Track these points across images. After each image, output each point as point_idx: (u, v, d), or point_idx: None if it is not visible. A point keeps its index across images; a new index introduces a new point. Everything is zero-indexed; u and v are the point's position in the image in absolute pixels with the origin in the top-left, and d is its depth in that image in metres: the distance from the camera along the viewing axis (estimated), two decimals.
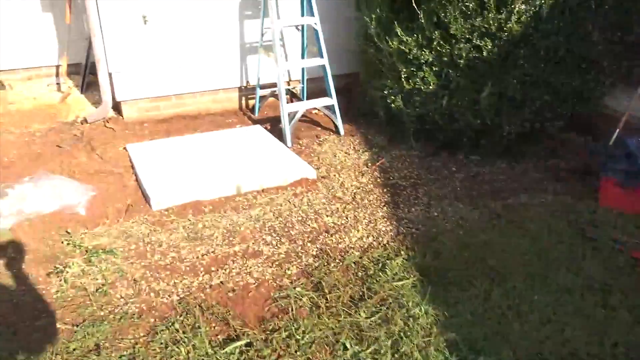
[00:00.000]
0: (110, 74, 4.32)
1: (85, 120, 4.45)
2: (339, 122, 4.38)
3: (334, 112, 4.38)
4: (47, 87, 5.39)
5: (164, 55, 4.42)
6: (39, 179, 3.47)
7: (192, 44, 4.48)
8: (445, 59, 3.68)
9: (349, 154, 4.08)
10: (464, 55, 3.57)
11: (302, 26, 4.53)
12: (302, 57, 4.68)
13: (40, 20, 5.39)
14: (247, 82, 4.82)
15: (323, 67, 4.30)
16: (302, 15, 4.40)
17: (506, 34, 3.42)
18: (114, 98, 4.44)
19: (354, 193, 3.52)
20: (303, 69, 4.75)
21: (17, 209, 3.17)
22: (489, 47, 3.48)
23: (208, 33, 4.50)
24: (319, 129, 4.55)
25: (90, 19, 4.15)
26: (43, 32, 5.44)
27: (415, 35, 3.74)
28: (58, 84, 5.44)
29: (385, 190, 3.57)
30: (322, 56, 4.27)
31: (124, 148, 4.04)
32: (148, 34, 4.29)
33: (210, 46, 4.55)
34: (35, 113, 4.69)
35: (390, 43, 3.86)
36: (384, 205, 3.38)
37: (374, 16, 4.03)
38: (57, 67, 5.65)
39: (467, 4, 3.42)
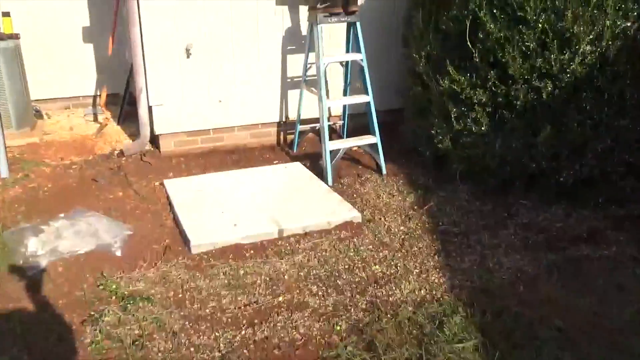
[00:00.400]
0: (150, 107, 4.24)
1: (121, 153, 4.36)
2: (381, 161, 4.20)
3: (377, 151, 4.21)
4: (84, 117, 5.36)
5: (204, 89, 4.34)
6: (74, 216, 3.35)
7: (233, 78, 4.39)
8: (500, 99, 3.50)
9: (393, 196, 3.89)
10: (521, 96, 3.38)
11: (347, 62, 4.40)
12: (345, 92, 4.55)
13: (80, 50, 5.40)
14: (287, 117, 4.70)
15: (368, 104, 4.15)
16: (348, 51, 4.28)
17: (569, 75, 3.22)
18: (152, 131, 4.34)
19: (402, 239, 3.31)
20: (345, 105, 4.61)
21: (51, 247, 3.04)
22: (549, 88, 3.28)
23: (249, 67, 4.41)
24: (360, 167, 4.38)
25: (133, 52, 4.10)
26: (83, 62, 5.45)
27: (468, 74, 3.57)
28: (95, 114, 5.40)
29: (434, 236, 3.35)
30: (367, 93, 4.13)
31: (161, 183, 3.91)
32: (190, 67, 4.22)
33: (251, 80, 4.45)
34: (71, 144, 4.62)
35: (441, 82, 3.69)
36: (435, 254, 3.16)
37: (423, 54, 3.89)
38: (95, 97, 5.65)
39: (527, 43, 3.24)
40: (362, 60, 4.11)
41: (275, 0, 4.32)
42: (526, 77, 3.34)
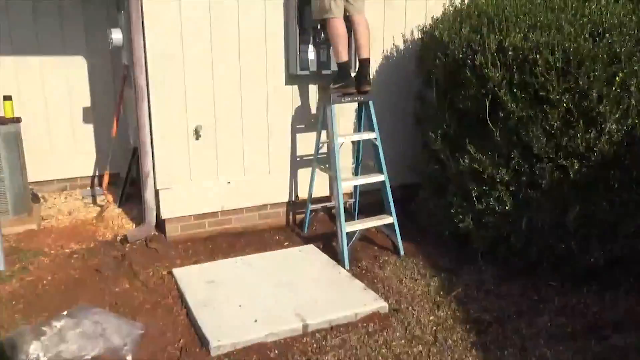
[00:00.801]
0: (157, 191, 4.07)
1: (125, 239, 4.14)
2: (399, 242, 4.03)
3: (394, 231, 4.05)
4: (83, 199, 5.16)
5: (213, 171, 4.20)
6: (78, 314, 3.08)
7: (242, 159, 4.27)
8: (524, 178, 3.40)
9: (416, 280, 3.69)
10: (547, 175, 3.29)
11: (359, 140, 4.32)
12: (356, 170, 4.44)
13: (80, 131, 5.28)
14: (297, 196, 4.55)
15: (383, 183, 4.03)
16: (360, 128, 4.21)
17: (596, 154, 3.15)
18: (158, 215, 4.15)
19: (434, 331, 3.09)
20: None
21: (54, 352, 2.76)
22: (576, 167, 3.20)
23: (259, 147, 4.30)
24: (376, 248, 4.19)
25: (140, 133, 3.97)
26: (82, 143, 5.32)
27: (489, 152, 3.49)
28: (94, 196, 5.22)
29: (468, 327, 3.14)
30: (382, 172, 4.02)
31: (169, 272, 3.68)
32: (199, 149, 4.09)
33: (261, 160, 4.33)
34: (71, 230, 4.40)
35: (460, 161, 3.60)
36: (472, 347, 2.94)
37: (439, 132, 3.82)
38: (93, 177, 5.48)
39: (551, 122, 3.18)
40: (375, 139, 4.03)
41: (285, 80, 4.27)
42: (551, 156, 3.26)
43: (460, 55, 3.58)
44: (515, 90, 3.30)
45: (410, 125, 4.53)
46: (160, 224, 4.25)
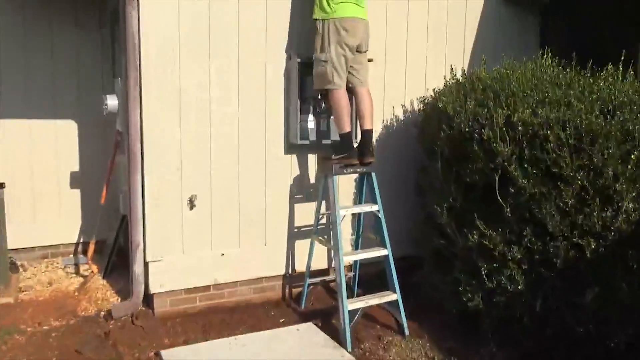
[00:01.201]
0: (147, 264, 3.83)
1: (109, 315, 3.85)
2: (404, 321, 3.81)
3: (397, 308, 3.83)
4: (64, 268, 4.88)
5: (207, 242, 3.98)
6: None
7: (238, 230, 4.07)
8: (538, 256, 3.25)
9: None
10: (562, 254, 3.15)
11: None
12: (357, 243, 4.27)
13: (65, 196, 5.07)
14: (294, 269, 4.33)
15: (386, 257, 3.85)
16: (360, 200, 4.07)
17: (613, 233, 3.03)
18: (146, 289, 3.88)
19: None
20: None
21: None
22: (592, 246, 3.07)
23: (256, 218, 4.12)
24: (379, 326, 3.95)
25: (132, 203, 3.77)
26: (66, 209, 5.09)
27: (500, 229, 3.35)
28: (77, 264, 4.94)
29: None
30: (385, 246, 3.85)
31: (157, 354, 3.39)
32: (192, 219, 3.90)
33: (257, 232, 4.14)
34: (51, 304, 4.10)
35: (469, 237, 3.45)
36: None
37: (445, 205, 3.69)
38: (77, 245, 5.21)
39: (565, 200, 3.08)
40: (378, 211, 3.88)
41: (285, 149, 4.16)
42: (566, 234, 3.14)
43: (467, 129, 3.51)
44: (525, 165, 3.21)
45: (411, 196, 4.40)
46: (147, 298, 3.97)
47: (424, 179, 4.06)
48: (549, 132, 3.11)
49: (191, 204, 3.88)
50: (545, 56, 3.59)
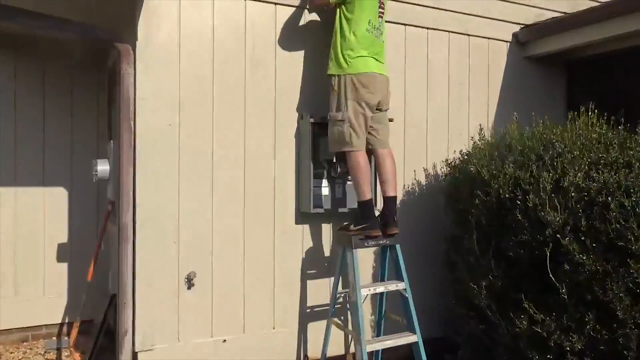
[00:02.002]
0: (135, 354, 3.27)
1: None
2: None
3: None
4: (45, 353, 4.30)
5: (206, 327, 3.44)
6: None
7: (242, 312, 3.54)
8: (603, 347, 2.71)
9: None
10: (634, 346, 2.61)
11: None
12: (378, 325, 3.71)
13: (51, 270, 4.57)
14: (306, 356, 3.75)
15: (415, 344, 3.30)
16: (383, 276, 3.56)
17: None
18: None
19: None
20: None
21: None
22: None
23: (264, 297, 3.60)
24: None
25: (121, 280, 3.26)
26: (52, 284, 4.57)
27: (554, 314, 2.83)
28: (59, 348, 4.37)
29: None
30: (414, 331, 3.31)
31: None
32: (190, 301, 3.38)
33: (265, 314, 3.61)
34: None
35: (517, 322, 2.92)
36: None
37: (483, 284, 3.18)
38: (61, 326, 4.65)
39: (637, 279, 2.57)
40: (405, 290, 3.37)
41: (295, 219, 3.70)
42: (638, 320, 2.61)
43: (507, 195, 3.06)
44: (582, 238, 2.73)
45: (439, 271, 3.89)
46: None
47: (455, 253, 3.56)
48: (609, 198, 2.65)
49: (189, 282, 3.38)
50: (590, 113, 3.18)
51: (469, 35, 4.33)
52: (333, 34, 3.44)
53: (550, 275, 2.83)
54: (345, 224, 3.46)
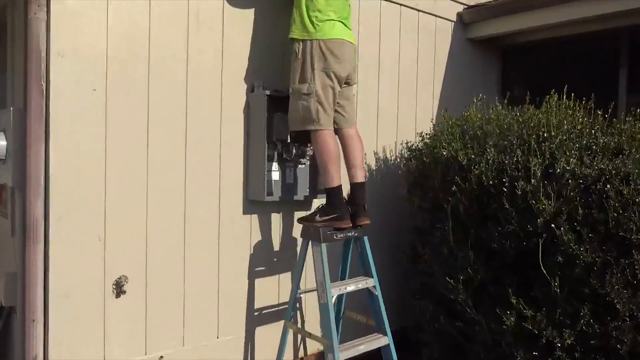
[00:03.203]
0: None
1: None
2: None
3: None
4: None
5: (139, 343, 2.80)
6: None
7: (182, 321, 2.95)
8: (594, 342, 2.59)
9: None
10: (628, 339, 2.52)
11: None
12: (337, 324, 3.31)
13: None
14: None
15: (387, 347, 2.97)
16: (344, 272, 3.18)
17: None
18: None
19: None
20: None
21: None
22: None
23: (205, 302, 3.04)
24: None
25: (28, 290, 2.52)
26: None
27: (544, 308, 2.66)
28: None
29: None
30: (384, 332, 2.98)
31: None
32: (120, 311, 2.72)
33: (206, 321, 3.05)
34: None
35: (504, 319, 2.71)
36: None
37: (461, 278, 2.93)
38: None
39: (637, 270, 2.47)
40: (374, 286, 3.02)
41: (243, 208, 3.16)
42: (636, 313, 2.52)
43: (491, 182, 2.82)
44: (578, 228, 2.57)
45: (402, 262, 3.59)
46: None
47: (420, 243, 3.28)
48: (609, 186, 2.51)
49: (119, 289, 2.71)
50: (562, 97, 3.05)
51: (418, 10, 4.06)
52: None
53: (542, 269, 2.65)
54: (309, 213, 3.03)
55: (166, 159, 2.84)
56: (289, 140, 3.19)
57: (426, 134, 3.54)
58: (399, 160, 3.88)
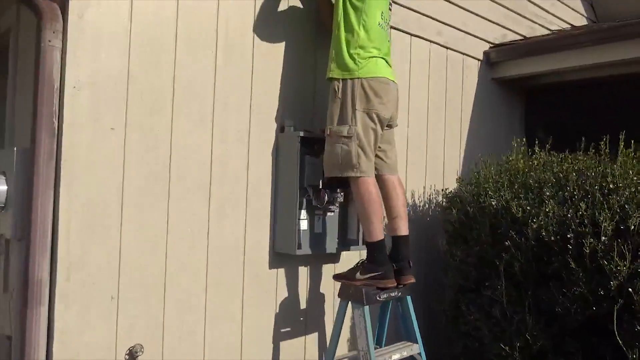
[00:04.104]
0: None
1: None
2: None
3: None
4: None
5: None
6: None
7: None
8: None
9: None
10: None
11: None
12: None
13: None
14: None
15: None
16: (381, 337, 2.83)
17: None
18: None
19: None
20: None
21: None
22: None
23: None
24: None
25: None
26: None
27: None
28: None
29: None
30: None
31: None
32: None
33: None
34: None
35: None
36: None
37: (518, 345, 2.61)
38: None
39: None
40: (419, 354, 2.68)
41: (269, 262, 2.82)
42: None
43: (552, 237, 2.54)
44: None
45: (442, 325, 3.25)
46: None
47: (466, 303, 2.95)
48: None
49: (132, 359, 2.32)
50: (619, 144, 2.81)
51: (447, 48, 3.84)
52: (335, 28, 2.67)
53: (618, 339, 2.34)
54: (347, 270, 2.68)
55: (188, 208, 2.50)
56: (320, 186, 2.87)
57: (462, 179, 3.26)
58: (427, 205, 3.59)
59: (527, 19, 4.57)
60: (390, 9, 2.85)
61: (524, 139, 3.52)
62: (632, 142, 2.74)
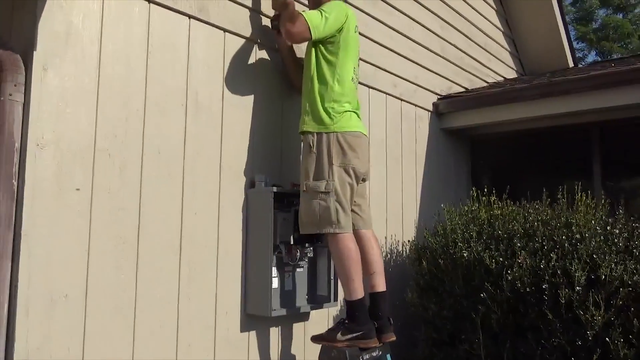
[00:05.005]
0: None
1: None
2: None
3: None
4: None
5: None
6: None
7: None
8: None
9: None
10: None
11: None
12: None
13: None
14: None
15: None
16: None
17: None
18: None
19: None
20: None
21: None
22: None
23: None
24: None
25: None
26: None
27: None
28: None
29: None
30: None
31: None
32: None
33: None
34: None
35: None
36: None
37: None
38: None
39: None
40: None
41: (241, 325, 2.64)
42: None
43: (527, 289, 2.58)
44: (634, 341, 2.37)
45: None
46: None
47: (441, 358, 2.91)
48: None
49: None
50: (577, 194, 2.95)
51: (401, 99, 3.93)
52: (308, 81, 2.65)
53: None
54: (325, 331, 2.57)
55: (158, 276, 2.30)
56: (292, 242, 2.77)
57: (426, 229, 3.28)
58: (389, 256, 3.56)
59: (468, 72, 4.81)
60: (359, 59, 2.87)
61: (472, 187, 3.65)
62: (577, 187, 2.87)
